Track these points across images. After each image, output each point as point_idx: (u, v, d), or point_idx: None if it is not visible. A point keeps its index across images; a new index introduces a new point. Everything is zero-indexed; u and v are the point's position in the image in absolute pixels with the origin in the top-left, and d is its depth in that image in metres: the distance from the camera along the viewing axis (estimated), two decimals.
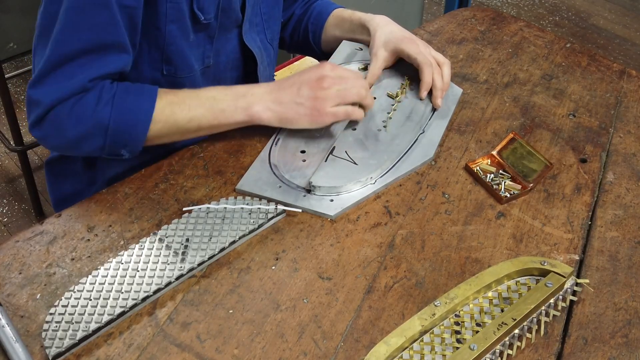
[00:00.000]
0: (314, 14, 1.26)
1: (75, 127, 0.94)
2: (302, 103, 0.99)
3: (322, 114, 0.99)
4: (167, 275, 0.84)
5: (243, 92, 1.00)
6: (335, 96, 0.99)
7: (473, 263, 0.89)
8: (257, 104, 0.99)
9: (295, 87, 0.99)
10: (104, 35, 0.92)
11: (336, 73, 1.01)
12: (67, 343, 0.77)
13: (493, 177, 1.01)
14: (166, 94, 0.97)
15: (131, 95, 0.95)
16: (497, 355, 0.77)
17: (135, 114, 0.95)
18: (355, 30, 1.21)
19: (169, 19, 0.98)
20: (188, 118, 0.97)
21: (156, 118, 0.95)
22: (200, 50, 1.07)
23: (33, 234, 0.91)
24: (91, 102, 0.93)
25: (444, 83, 1.11)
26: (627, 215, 0.97)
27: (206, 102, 0.98)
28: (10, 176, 2.33)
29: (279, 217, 0.93)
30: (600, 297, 0.85)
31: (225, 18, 1.06)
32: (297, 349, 0.78)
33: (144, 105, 0.95)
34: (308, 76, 1.00)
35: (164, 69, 1.04)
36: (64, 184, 1.18)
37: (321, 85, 0.99)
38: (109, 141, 0.95)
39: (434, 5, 3.32)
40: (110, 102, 0.93)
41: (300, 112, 0.99)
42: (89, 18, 0.91)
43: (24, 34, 2.71)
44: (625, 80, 1.24)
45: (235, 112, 0.99)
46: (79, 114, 0.93)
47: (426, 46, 1.13)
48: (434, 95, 1.11)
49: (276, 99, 0.99)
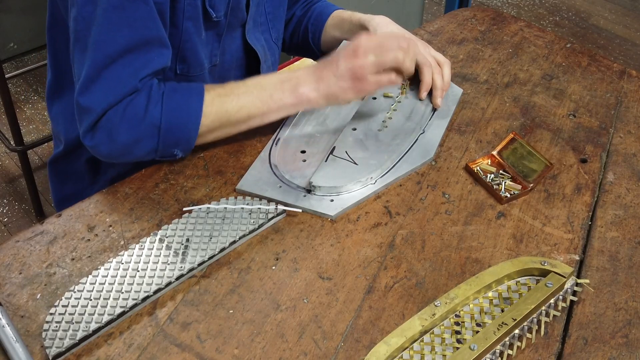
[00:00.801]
0: (314, 15, 1.26)
1: (128, 131, 0.92)
2: (342, 76, 0.98)
3: (364, 83, 0.98)
4: (167, 275, 0.84)
5: (287, 77, 1.00)
6: (373, 64, 0.98)
7: (473, 263, 0.89)
8: (302, 85, 0.99)
9: (334, 62, 0.99)
10: (145, 30, 0.91)
11: (372, 41, 0.99)
12: (68, 343, 0.77)
13: (493, 177, 1.01)
14: (213, 88, 0.97)
15: (179, 93, 0.95)
16: (497, 355, 0.77)
17: (186, 110, 0.94)
18: (354, 31, 1.21)
19: (186, 16, 0.98)
20: (238, 107, 0.97)
21: (206, 111, 0.95)
22: (209, 49, 1.07)
23: (33, 234, 0.91)
24: (142, 104, 0.92)
25: (444, 83, 1.11)
26: (627, 216, 0.97)
27: (254, 90, 0.98)
28: (10, 176, 2.33)
29: (279, 217, 0.94)
30: (601, 297, 0.85)
31: (233, 16, 1.07)
32: (297, 349, 0.78)
33: (193, 100, 0.94)
34: (345, 50, 0.99)
35: (178, 68, 1.03)
36: (67, 183, 1.18)
37: (357, 54, 0.97)
38: (162, 141, 0.94)
39: (434, 5, 3.32)
40: (160, 101, 0.93)
41: (343, 86, 0.98)
42: (129, 14, 0.89)
43: (24, 34, 2.71)
44: (625, 80, 1.24)
45: (283, 95, 0.98)
46: (131, 117, 0.91)
47: (426, 46, 1.13)
48: (434, 95, 1.11)
49: (319, 77, 0.99)
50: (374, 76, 0.99)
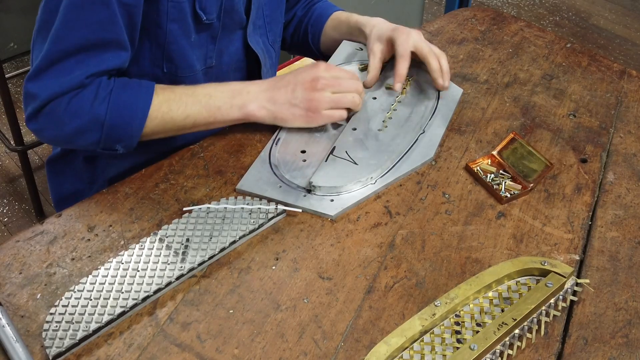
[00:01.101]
0: (314, 16, 1.27)
1: (71, 122, 0.94)
2: (296, 104, 1.00)
3: (317, 116, 1.01)
4: (168, 275, 0.84)
5: (239, 90, 1.00)
6: (329, 100, 1.01)
7: (473, 263, 0.89)
8: (252, 102, 1.00)
9: (290, 87, 1.00)
10: (103, 32, 0.93)
11: (331, 74, 1.01)
12: (68, 343, 0.77)
13: (493, 177, 1.01)
14: (163, 91, 0.98)
15: (128, 92, 0.96)
16: (497, 355, 0.77)
17: (132, 110, 0.95)
18: (352, 33, 1.22)
19: (170, 18, 0.99)
20: (184, 115, 0.98)
21: (152, 115, 0.96)
22: (203, 51, 1.07)
23: (33, 234, 0.91)
24: (88, 98, 0.93)
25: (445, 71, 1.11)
26: (627, 216, 0.97)
27: (202, 99, 0.99)
28: (10, 176, 2.33)
29: (279, 217, 0.94)
30: (601, 297, 0.85)
31: (228, 19, 1.06)
32: (297, 349, 0.78)
33: (140, 102, 0.95)
34: (302, 77, 1.00)
35: (165, 66, 1.04)
36: (65, 182, 1.18)
37: (315, 86, 0.99)
38: (105, 136, 0.96)
39: (434, 5, 3.32)
40: (107, 98, 0.94)
41: (295, 113, 1.00)
42: (88, 15, 0.91)
43: (24, 34, 2.71)
44: (625, 80, 1.24)
45: (231, 109, 0.99)
46: (75, 109, 0.93)
47: (419, 34, 1.12)
48: (443, 78, 1.11)
49: (271, 98, 1.00)
50: (328, 111, 1.01)
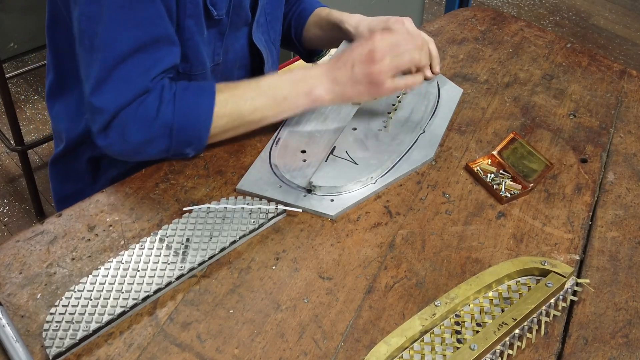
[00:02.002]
0: (298, 11, 1.27)
1: (140, 131, 0.92)
2: (359, 80, 0.98)
3: (382, 88, 0.99)
4: (168, 275, 0.84)
5: (302, 77, 0.99)
6: (389, 68, 0.98)
7: (473, 263, 0.89)
8: (317, 87, 0.98)
9: (349, 64, 0.98)
10: (153, 28, 0.91)
11: (387, 41, 0.99)
12: (68, 343, 0.77)
13: (493, 177, 1.01)
14: (226, 88, 0.97)
15: (191, 92, 0.94)
16: (497, 355, 0.77)
17: (197, 110, 0.94)
18: (332, 29, 1.22)
19: (188, 14, 0.98)
20: (252, 109, 0.97)
21: (219, 112, 0.95)
22: (211, 47, 1.07)
23: (33, 234, 0.91)
24: (154, 104, 0.92)
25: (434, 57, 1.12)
26: (627, 216, 0.97)
27: (267, 91, 0.98)
28: (10, 176, 2.33)
29: (280, 217, 0.94)
30: (601, 297, 0.85)
31: (235, 15, 1.07)
32: (297, 348, 0.78)
33: (205, 101, 0.94)
34: (359, 51, 0.98)
35: (180, 66, 1.03)
36: (67, 183, 1.18)
37: (373, 58, 0.97)
38: (175, 141, 0.94)
39: (434, 5, 3.32)
40: (172, 101, 0.93)
41: (360, 90, 0.99)
42: (136, 13, 0.89)
43: (24, 34, 2.71)
44: (625, 80, 1.24)
45: (298, 97, 0.98)
46: (143, 117, 0.92)
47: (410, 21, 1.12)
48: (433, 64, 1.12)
49: (334, 79, 0.99)
50: (392, 80, 0.99)
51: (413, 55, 1.00)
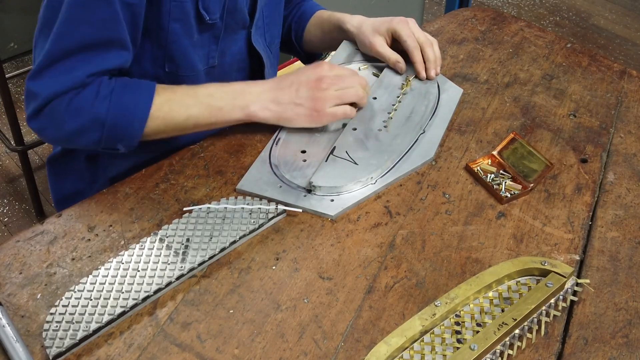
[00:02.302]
0: (298, 14, 1.28)
1: (72, 121, 0.94)
2: (301, 104, 1.00)
3: (321, 115, 1.01)
4: (168, 275, 0.84)
5: (241, 90, 1.00)
6: (334, 97, 1.01)
7: (473, 263, 0.89)
8: (254, 103, 0.99)
9: (294, 87, 1.00)
10: (105, 31, 0.92)
11: (334, 72, 1.02)
12: (68, 343, 0.77)
13: (493, 177, 1.01)
14: (164, 91, 0.98)
15: (129, 91, 0.95)
16: (497, 355, 0.77)
17: (132, 110, 0.95)
18: (333, 31, 1.23)
19: (172, 17, 0.99)
20: (185, 116, 0.98)
21: (154, 115, 0.96)
22: (205, 51, 1.07)
23: (33, 234, 0.91)
24: (89, 97, 0.93)
25: (437, 58, 1.14)
26: (627, 216, 0.97)
27: (204, 100, 0.98)
28: (10, 176, 2.33)
29: (280, 217, 0.94)
30: (601, 297, 0.85)
31: (231, 19, 1.07)
32: (297, 349, 0.78)
33: (141, 102, 0.95)
34: (306, 76, 1.01)
35: (166, 66, 1.04)
36: (66, 182, 1.18)
37: (320, 85, 1.00)
38: (106, 136, 0.95)
39: (434, 5, 3.32)
40: (108, 97, 0.94)
41: (299, 113, 1.00)
42: (91, 13, 0.91)
43: (24, 34, 2.71)
44: (625, 80, 1.24)
45: (233, 110, 0.99)
46: (76, 108, 0.93)
47: (414, 22, 1.15)
48: (428, 67, 1.14)
49: (274, 98, 1.00)
50: (332, 109, 1.01)
51: (358, 91, 1.03)
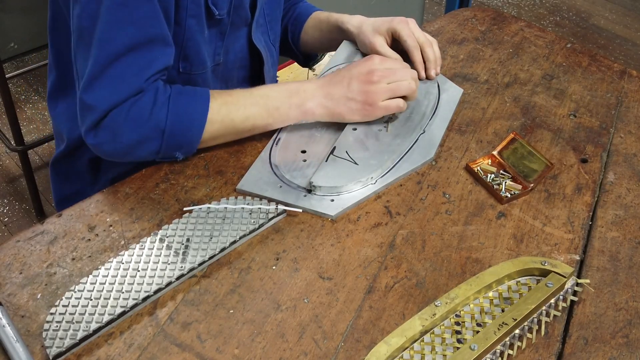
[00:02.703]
0: (294, 15, 1.28)
1: (132, 132, 0.92)
2: (353, 98, 1.00)
3: (375, 108, 1.00)
4: (168, 275, 0.84)
5: (295, 89, 1.00)
6: (386, 90, 1.00)
7: (473, 263, 0.89)
8: (310, 100, 1.00)
9: (346, 81, 1.00)
10: (149, 28, 0.91)
11: (385, 65, 1.01)
12: (68, 343, 0.77)
13: (494, 177, 1.01)
14: (220, 95, 0.97)
15: (185, 97, 0.94)
16: (497, 355, 0.77)
17: (191, 115, 0.94)
18: (332, 31, 1.22)
19: (190, 14, 0.98)
20: (244, 117, 0.97)
21: (212, 118, 0.95)
22: (212, 47, 1.07)
23: (34, 234, 0.91)
24: (148, 105, 0.91)
25: (437, 58, 1.15)
26: (627, 216, 0.96)
27: (260, 101, 0.98)
28: (11, 176, 2.34)
29: (280, 217, 0.94)
30: (601, 297, 0.85)
31: (236, 15, 1.07)
32: (297, 349, 0.78)
33: (199, 106, 0.94)
34: (358, 70, 1.00)
35: (181, 66, 1.03)
36: (67, 183, 1.18)
37: (371, 79, 0.99)
38: (165, 144, 0.94)
39: (434, 5, 3.32)
40: (166, 104, 0.92)
41: (352, 107, 1.00)
42: (132, 12, 0.89)
43: (24, 34, 2.71)
44: (626, 80, 1.24)
45: (290, 109, 0.99)
46: (135, 118, 0.91)
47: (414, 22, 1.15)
48: (427, 67, 1.14)
49: (328, 94, 1.00)
50: (384, 102, 1.01)
51: (411, 85, 1.02)
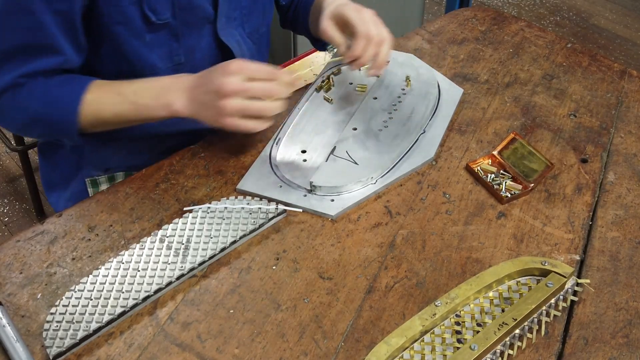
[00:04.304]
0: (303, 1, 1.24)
1: (15, 118, 1.00)
2: (209, 108, 0.95)
3: (224, 124, 0.95)
4: (168, 275, 0.84)
5: (167, 88, 0.98)
6: (236, 107, 0.93)
7: (474, 263, 0.89)
8: (176, 101, 0.97)
9: (204, 88, 0.96)
10: (28, 38, 0.95)
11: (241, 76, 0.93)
12: (68, 343, 0.77)
13: (494, 177, 1.01)
14: (98, 88, 0.99)
15: (61, 89, 0.98)
16: (497, 355, 0.77)
17: (62, 108, 0.98)
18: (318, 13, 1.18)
19: (114, 21, 0.98)
20: (113, 114, 0.99)
21: (84, 112, 0.98)
22: (165, 49, 1.05)
23: (34, 234, 0.91)
24: (25, 97, 0.97)
25: (379, 60, 1.04)
26: (627, 216, 0.96)
27: (131, 97, 0.98)
28: (11, 176, 2.34)
29: (280, 217, 0.94)
30: (601, 297, 0.85)
31: (188, 16, 1.04)
32: (297, 348, 0.78)
33: (72, 100, 0.98)
34: (212, 78, 0.95)
35: (124, 65, 1.04)
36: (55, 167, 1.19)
37: (221, 92, 0.93)
38: (47, 131, 1.01)
39: (434, 5, 3.32)
40: (42, 96, 0.97)
41: (208, 116, 0.96)
42: (14, 22, 0.94)
43: None
44: (626, 80, 1.24)
45: (157, 109, 0.98)
46: (14, 107, 0.98)
47: (372, 16, 1.06)
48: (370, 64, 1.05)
49: (193, 98, 0.97)
50: (232, 120, 0.94)
51: (264, 107, 0.94)
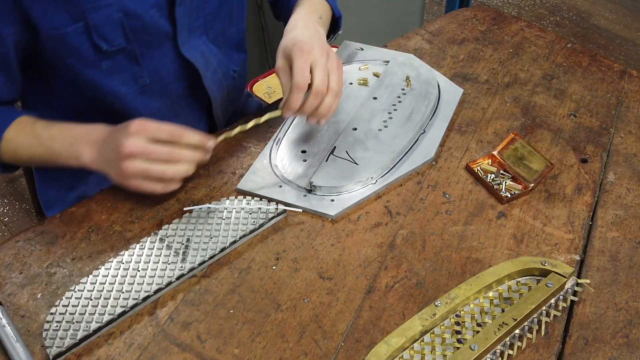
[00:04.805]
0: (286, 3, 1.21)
1: None
2: (112, 167, 0.93)
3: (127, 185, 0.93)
4: (168, 275, 0.84)
5: (79, 137, 0.96)
6: (137, 170, 0.90)
7: (474, 263, 0.89)
8: (85, 154, 0.95)
9: (109, 146, 0.93)
10: None
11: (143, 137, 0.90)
12: (68, 343, 0.77)
13: (494, 177, 1.01)
14: (19, 126, 0.99)
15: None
16: (497, 355, 0.77)
17: None
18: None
19: (62, 55, 0.98)
20: (28, 156, 0.99)
21: (4, 148, 0.98)
22: (127, 74, 1.03)
23: (34, 234, 0.91)
24: None
25: (320, 111, 0.95)
26: (627, 216, 0.96)
27: (46, 143, 0.98)
28: (11, 176, 2.34)
29: (280, 217, 0.94)
30: (601, 298, 0.85)
31: (144, 37, 1.02)
32: (297, 348, 0.78)
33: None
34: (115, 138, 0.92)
35: (86, 92, 1.03)
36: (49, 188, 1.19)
37: (122, 153, 0.89)
38: None
39: (434, 5, 3.32)
40: None
41: (112, 173, 0.94)
42: None
43: None
44: (626, 80, 1.24)
45: (68, 159, 0.97)
46: None
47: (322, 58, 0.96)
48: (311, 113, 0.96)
49: (100, 154, 0.94)
50: (136, 182, 0.92)
51: (165, 171, 0.91)
